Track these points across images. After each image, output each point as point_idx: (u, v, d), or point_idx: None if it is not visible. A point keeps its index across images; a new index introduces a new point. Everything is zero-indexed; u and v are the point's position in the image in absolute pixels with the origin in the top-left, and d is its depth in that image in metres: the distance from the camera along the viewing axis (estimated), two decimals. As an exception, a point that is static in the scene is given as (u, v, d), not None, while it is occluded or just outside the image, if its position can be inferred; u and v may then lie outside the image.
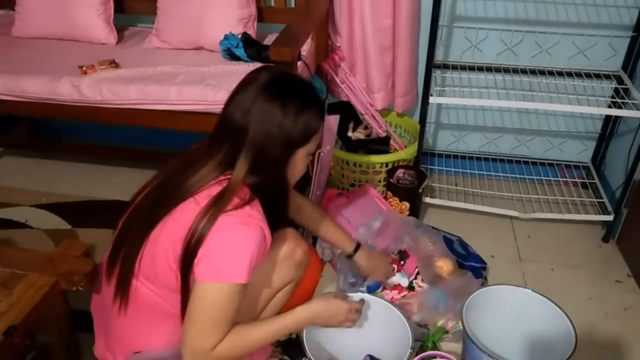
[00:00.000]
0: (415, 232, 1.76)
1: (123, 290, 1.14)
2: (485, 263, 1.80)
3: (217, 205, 1.05)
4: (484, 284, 1.70)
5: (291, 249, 1.30)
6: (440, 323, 1.53)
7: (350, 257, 1.59)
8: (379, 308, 1.42)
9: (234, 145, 1.09)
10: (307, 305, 1.26)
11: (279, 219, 1.21)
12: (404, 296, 1.62)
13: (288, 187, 1.20)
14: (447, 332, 1.54)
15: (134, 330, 1.18)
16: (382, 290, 1.66)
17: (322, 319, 1.28)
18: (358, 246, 1.58)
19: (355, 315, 1.33)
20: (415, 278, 1.68)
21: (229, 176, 1.10)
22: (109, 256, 1.18)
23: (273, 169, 1.13)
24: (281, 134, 1.08)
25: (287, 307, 1.38)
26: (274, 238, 1.17)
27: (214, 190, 1.08)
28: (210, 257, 1.05)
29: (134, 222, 1.15)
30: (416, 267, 1.70)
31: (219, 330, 1.08)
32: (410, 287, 1.65)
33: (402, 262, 1.71)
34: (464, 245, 1.87)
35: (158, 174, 1.20)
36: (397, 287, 1.66)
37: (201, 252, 1.05)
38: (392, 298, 1.62)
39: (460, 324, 1.46)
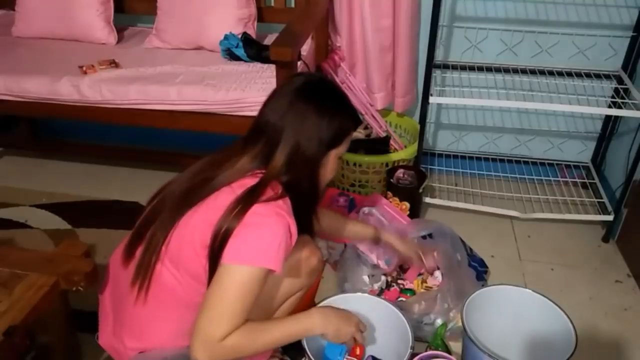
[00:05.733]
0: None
1: (145, 273, 1.13)
2: (487, 267, 1.80)
3: (251, 196, 1.08)
4: (484, 286, 1.69)
5: (306, 255, 1.30)
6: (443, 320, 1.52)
7: (377, 241, 1.57)
8: (379, 308, 1.42)
9: (270, 144, 1.12)
10: (320, 308, 1.23)
11: (305, 222, 1.20)
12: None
13: (319, 187, 1.21)
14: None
15: (147, 317, 1.16)
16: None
17: (334, 325, 1.22)
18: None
19: (364, 331, 1.29)
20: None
21: (264, 171, 1.13)
22: (130, 240, 1.18)
23: (307, 168, 1.15)
24: (316, 134, 1.12)
25: (292, 311, 1.38)
26: None
27: (249, 182, 1.10)
28: (239, 241, 1.05)
29: (165, 207, 1.15)
30: (418, 275, 1.70)
31: (234, 320, 1.05)
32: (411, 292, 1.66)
33: (401, 275, 1.71)
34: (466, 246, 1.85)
35: (190, 167, 1.20)
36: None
37: (231, 238, 1.06)
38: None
39: (458, 320, 1.46)
